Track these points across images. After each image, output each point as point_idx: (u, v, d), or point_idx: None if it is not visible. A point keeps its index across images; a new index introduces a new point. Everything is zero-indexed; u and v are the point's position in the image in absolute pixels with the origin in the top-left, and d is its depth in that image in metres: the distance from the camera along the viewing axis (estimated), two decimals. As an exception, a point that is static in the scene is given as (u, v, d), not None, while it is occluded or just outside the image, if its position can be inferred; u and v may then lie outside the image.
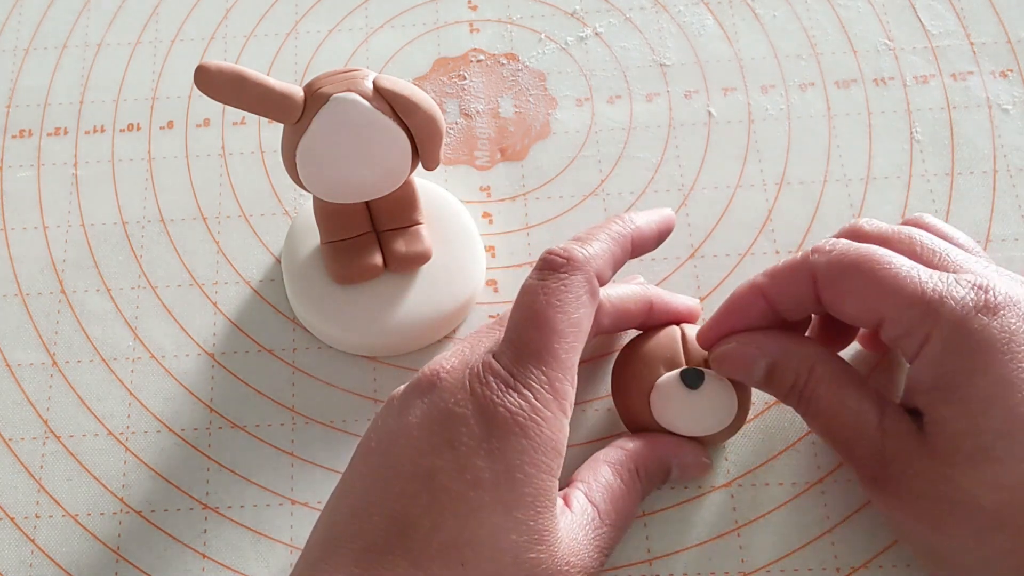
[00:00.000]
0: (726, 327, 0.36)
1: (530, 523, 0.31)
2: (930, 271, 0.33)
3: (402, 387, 0.35)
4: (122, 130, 0.47)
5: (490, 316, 0.42)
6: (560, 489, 0.34)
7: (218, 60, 0.35)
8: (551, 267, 0.34)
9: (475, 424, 0.32)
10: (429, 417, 0.32)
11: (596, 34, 0.49)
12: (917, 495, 0.32)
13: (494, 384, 0.32)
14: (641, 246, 0.37)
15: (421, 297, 0.41)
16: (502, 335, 0.34)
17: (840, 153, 0.45)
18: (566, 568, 0.32)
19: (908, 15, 0.49)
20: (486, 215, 0.45)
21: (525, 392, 0.32)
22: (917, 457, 0.32)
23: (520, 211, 0.45)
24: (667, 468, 0.37)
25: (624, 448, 0.36)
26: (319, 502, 0.39)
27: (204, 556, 0.38)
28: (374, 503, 0.32)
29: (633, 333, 0.39)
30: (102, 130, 0.47)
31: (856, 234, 0.36)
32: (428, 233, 0.41)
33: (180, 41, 0.50)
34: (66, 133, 0.47)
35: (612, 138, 0.46)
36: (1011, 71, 0.47)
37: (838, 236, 0.36)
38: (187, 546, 0.38)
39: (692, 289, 0.42)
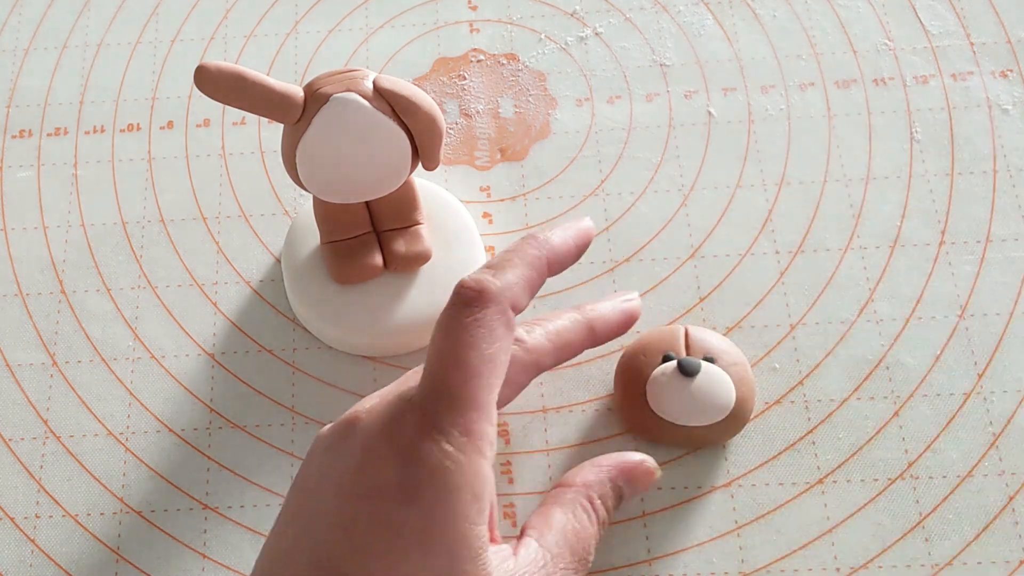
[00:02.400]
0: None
1: (451, 571, 0.30)
2: None
3: (328, 427, 0.33)
4: (122, 130, 0.47)
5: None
6: (520, 535, 0.34)
7: (218, 60, 0.35)
8: (464, 302, 0.32)
9: (392, 470, 0.31)
10: (349, 462, 0.31)
11: (596, 34, 0.49)
12: None
13: (410, 429, 0.31)
14: (559, 264, 0.35)
15: (421, 297, 0.41)
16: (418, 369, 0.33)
17: (840, 153, 0.45)
18: None
19: (908, 15, 0.49)
20: (486, 215, 0.45)
21: (438, 436, 0.31)
22: None
23: (520, 211, 0.45)
24: (618, 489, 0.36)
25: (570, 484, 0.35)
26: (319, 502, 0.39)
27: (204, 556, 0.38)
28: (300, 549, 0.31)
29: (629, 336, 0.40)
30: (102, 130, 0.47)
31: None
32: (428, 233, 0.41)
33: (180, 41, 0.50)
34: (66, 133, 0.47)
35: (612, 138, 0.46)
36: (1011, 71, 0.47)
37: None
38: (187, 546, 0.38)
39: (692, 289, 0.42)
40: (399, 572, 0.30)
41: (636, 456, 0.36)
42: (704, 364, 0.37)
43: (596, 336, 0.38)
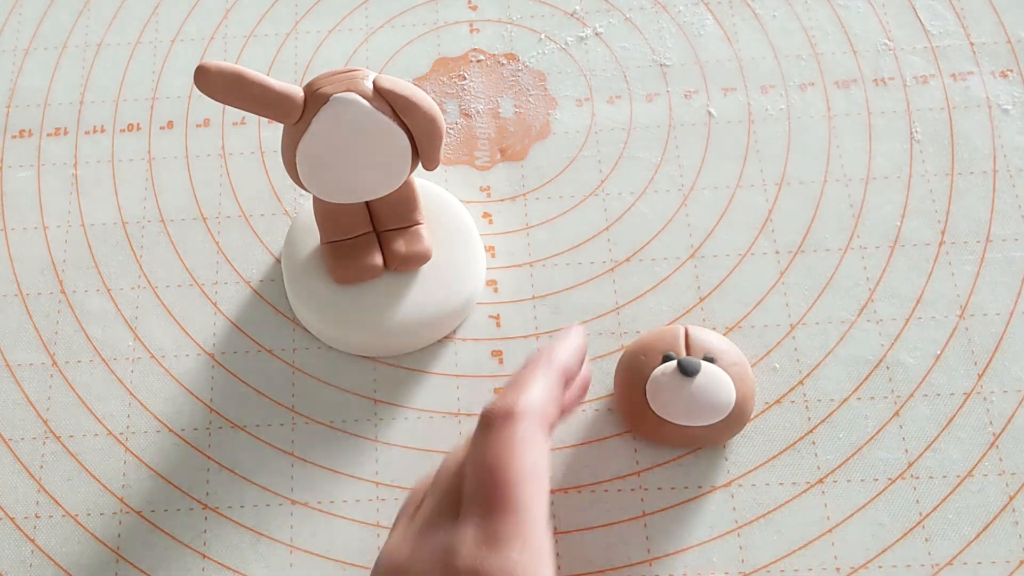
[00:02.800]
0: None
1: None
2: None
3: None
4: (122, 130, 0.47)
5: (490, 316, 0.42)
6: None
7: (218, 60, 0.35)
8: (490, 425, 0.31)
9: None
10: None
11: (596, 34, 0.49)
12: None
13: (473, 560, 0.29)
14: (570, 376, 0.35)
15: (421, 297, 0.41)
16: (441, 499, 0.32)
17: (840, 153, 0.45)
18: None
19: (908, 15, 0.49)
20: (486, 215, 0.45)
21: (507, 553, 0.29)
22: None
23: (520, 211, 0.45)
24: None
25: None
26: (319, 502, 0.39)
27: (204, 556, 0.38)
28: None
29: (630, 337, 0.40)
30: (102, 130, 0.47)
31: None
32: (428, 233, 0.41)
33: (180, 41, 0.50)
34: (66, 133, 0.47)
35: (612, 138, 0.46)
36: (1011, 71, 0.47)
37: None
38: (187, 546, 0.38)
39: (692, 289, 0.42)
40: None
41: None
42: (704, 364, 0.37)
43: (570, 382, 0.36)
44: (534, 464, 0.31)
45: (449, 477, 0.33)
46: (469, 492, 0.31)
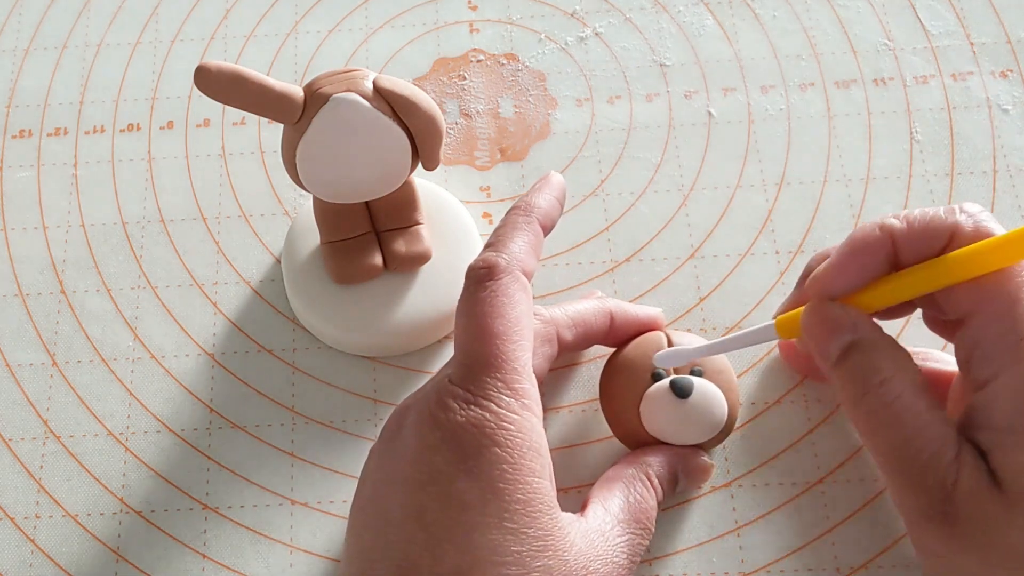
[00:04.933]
0: (849, 272, 0.32)
1: (528, 531, 0.31)
2: None
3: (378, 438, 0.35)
4: (122, 130, 0.47)
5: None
6: (583, 505, 0.35)
7: (218, 60, 0.35)
8: (477, 279, 0.34)
9: (447, 450, 0.31)
10: (404, 457, 0.32)
11: (596, 34, 0.49)
12: (985, 542, 0.30)
13: (454, 405, 0.32)
14: (550, 223, 0.37)
15: (421, 297, 0.41)
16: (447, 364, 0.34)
17: (840, 153, 0.45)
18: (584, 574, 0.31)
19: (908, 15, 0.49)
20: (486, 215, 0.45)
21: (485, 403, 0.32)
22: (989, 501, 0.29)
23: (520, 211, 0.45)
24: (675, 475, 0.37)
25: (632, 462, 0.36)
26: (319, 502, 0.39)
27: (204, 556, 0.38)
28: (377, 559, 0.31)
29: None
30: (102, 130, 0.47)
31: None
32: (428, 233, 0.41)
33: (180, 41, 0.50)
34: (66, 133, 0.47)
35: (612, 138, 0.46)
36: (1011, 71, 0.47)
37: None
38: (187, 546, 0.38)
39: (692, 289, 0.42)
40: (478, 543, 0.30)
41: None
42: (696, 381, 0.36)
43: (615, 326, 0.38)
44: (517, 316, 0.33)
45: None
46: (456, 349, 0.33)
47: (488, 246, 0.35)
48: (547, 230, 0.37)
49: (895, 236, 0.32)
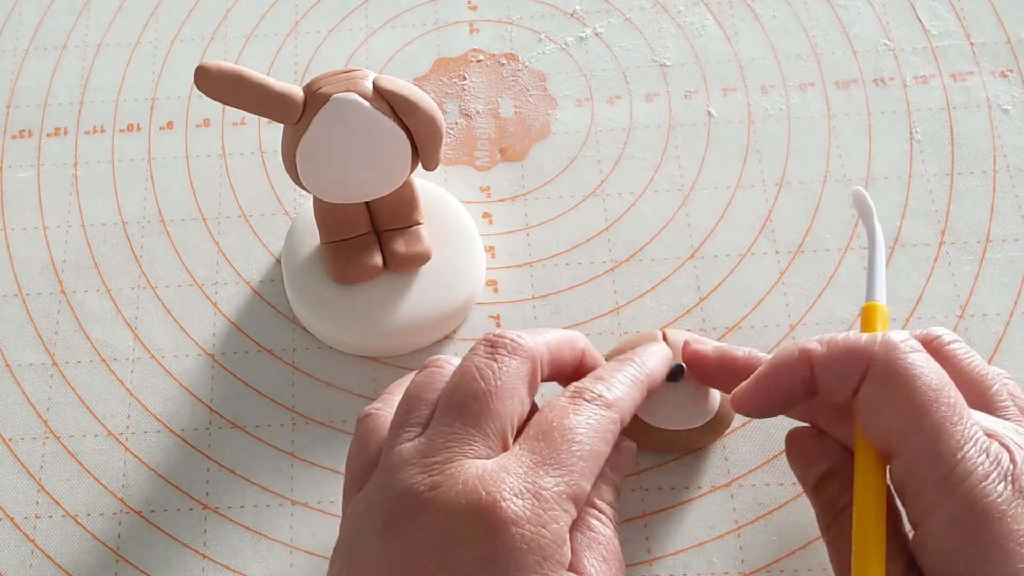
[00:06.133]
0: (765, 392, 0.33)
1: None
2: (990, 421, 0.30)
3: (366, 492, 0.31)
4: (122, 130, 0.47)
5: (490, 317, 0.42)
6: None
7: (218, 60, 0.35)
8: (586, 397, 0.32)
9: (479, 548, 0.29)
10: (423, 548, 0.29)
11: (596, 34, 0.49)
12: None
13: (506, 494, 0.29)
14: (653, 388, 0.35)
15: (421, 297, 0.41)
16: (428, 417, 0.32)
17: (840, 153, 0.45)
18: None
19: (908, 15, 0.49)
20: (486, 215, 0.45)
21: (545, 483, 0.30)
22: None
23: (520, 211, 0.45)
24: (610, 481, 0.34)
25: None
26: (319, 502, 0.39)
27: (204, 556, 0.38)
28: None
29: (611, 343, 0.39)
30: (102, 130, 0.47)
31: (929, 345, 0.33)
32: (428, 233, 0.41)
33: (180, 41, 0.50)
34: (66, 133, 0.47)
35: (612, 138, 0.46)
36: (1011, 71, 0.47)
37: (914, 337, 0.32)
38: (187, 546, 0.38)
39: (692, 289, 0.42)
40: None
41: None
42: (688, 368, 0.37)
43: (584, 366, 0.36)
44: (602, 452, 0.32)
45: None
46: (533, 435, 0.31)
47: (595, 377, 0.33)
48: (650, 397, 0.35)
49: (813, 360, 0.32)
